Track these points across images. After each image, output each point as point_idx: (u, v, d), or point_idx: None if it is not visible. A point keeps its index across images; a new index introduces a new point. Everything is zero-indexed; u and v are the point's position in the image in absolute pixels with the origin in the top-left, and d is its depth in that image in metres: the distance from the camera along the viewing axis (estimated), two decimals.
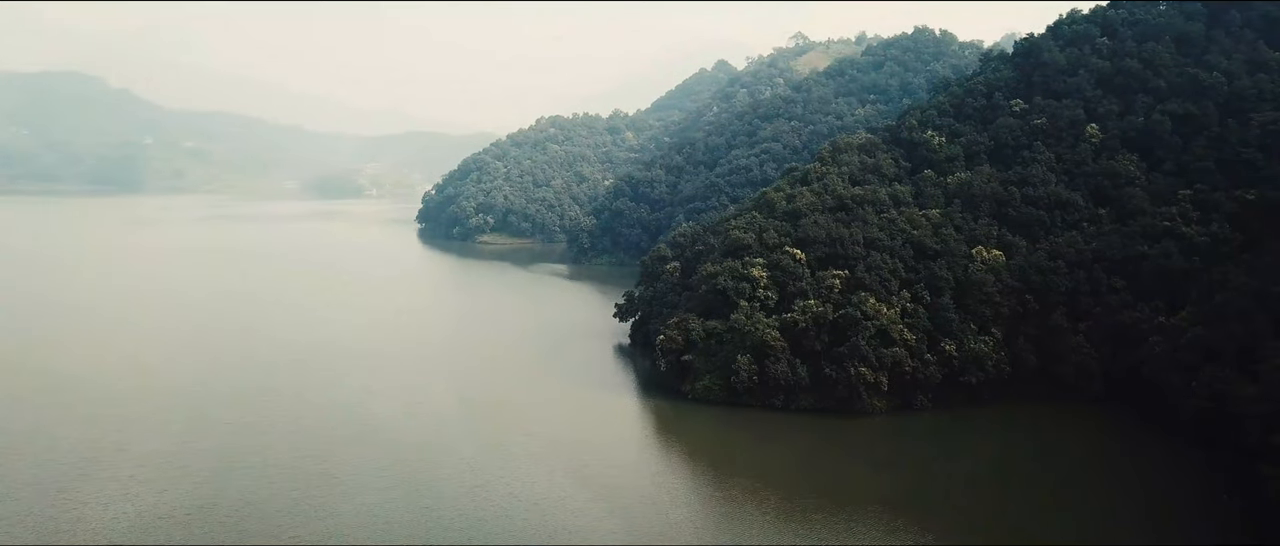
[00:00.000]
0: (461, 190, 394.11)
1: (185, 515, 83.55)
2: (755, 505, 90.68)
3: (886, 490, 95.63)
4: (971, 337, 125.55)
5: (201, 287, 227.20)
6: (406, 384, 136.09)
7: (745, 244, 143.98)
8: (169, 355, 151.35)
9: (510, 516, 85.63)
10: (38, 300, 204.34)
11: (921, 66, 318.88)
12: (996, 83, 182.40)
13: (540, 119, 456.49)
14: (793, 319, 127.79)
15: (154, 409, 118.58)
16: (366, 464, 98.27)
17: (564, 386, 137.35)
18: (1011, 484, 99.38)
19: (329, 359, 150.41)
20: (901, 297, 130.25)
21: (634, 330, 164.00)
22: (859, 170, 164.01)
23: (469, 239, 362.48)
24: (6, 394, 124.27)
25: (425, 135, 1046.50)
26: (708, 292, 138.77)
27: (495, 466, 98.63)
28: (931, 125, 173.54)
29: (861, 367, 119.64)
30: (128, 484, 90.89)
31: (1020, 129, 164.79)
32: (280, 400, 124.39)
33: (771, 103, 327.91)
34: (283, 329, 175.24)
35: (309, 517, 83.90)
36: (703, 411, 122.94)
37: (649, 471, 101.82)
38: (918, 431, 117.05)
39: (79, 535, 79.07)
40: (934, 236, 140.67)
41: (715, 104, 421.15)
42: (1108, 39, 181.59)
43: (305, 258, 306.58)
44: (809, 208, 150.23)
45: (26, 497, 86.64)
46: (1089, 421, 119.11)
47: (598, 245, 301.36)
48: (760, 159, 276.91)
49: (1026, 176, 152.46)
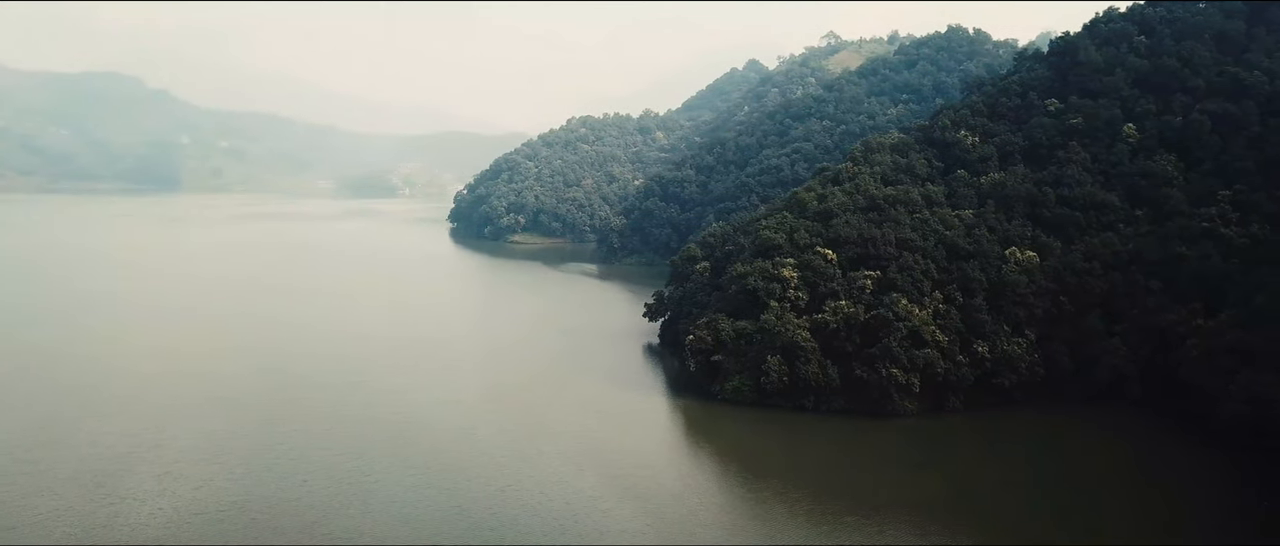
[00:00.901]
0: (493, 190, 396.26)
1: (220, 511, 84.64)
2: (786, 507, 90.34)
3: (919, 493, 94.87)
4: (1005, 339, 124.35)
5: (238, 284, 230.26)
6: (438, 382, 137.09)
7: (776, 244, 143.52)
8: (206, 350, 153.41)
9: (540, 516, 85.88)
10: (80, 295, 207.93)
11: (955, 66, 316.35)
12: (1031, 82, 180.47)
13: (571, 119, 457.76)
14: (824, 319, 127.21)
15: (191, 403, 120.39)
16: (398, 461, 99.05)
17: (593, 386, 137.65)
18: (1045, 487, 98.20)
19: (362, 356, 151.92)
20: (934, 299, 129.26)
21: (663, 330, 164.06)
22: (891, 170, 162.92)
23: (500, 238, 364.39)
24: (50, 388, 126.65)
25: (458, 135, 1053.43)
26: (738, 293, 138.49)
27: (525, 465, 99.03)
28: (965, 125, 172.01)
29: (893, 369, 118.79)
30: (164, 479, 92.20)
31: (1055, 129, 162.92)
32: (314, 396, 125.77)
33: (803, 102, 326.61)
34: (317, 327, 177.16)
35: (342, 515, 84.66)
36: (732, 412, 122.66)
37: (678, 472, 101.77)
38: (950, 434, 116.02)
39: (117, 530, 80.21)
40: (967, 237, 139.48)
41: (746, 103, 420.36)
42: (1145, 37, 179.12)
43: (339, 256, 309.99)
44: (841, 208, 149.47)
45: (67, 492, 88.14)
46: (1124, 424, 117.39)
47: (627, 245, 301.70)
48: (791, 159, 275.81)
49: (1061, 177, 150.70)
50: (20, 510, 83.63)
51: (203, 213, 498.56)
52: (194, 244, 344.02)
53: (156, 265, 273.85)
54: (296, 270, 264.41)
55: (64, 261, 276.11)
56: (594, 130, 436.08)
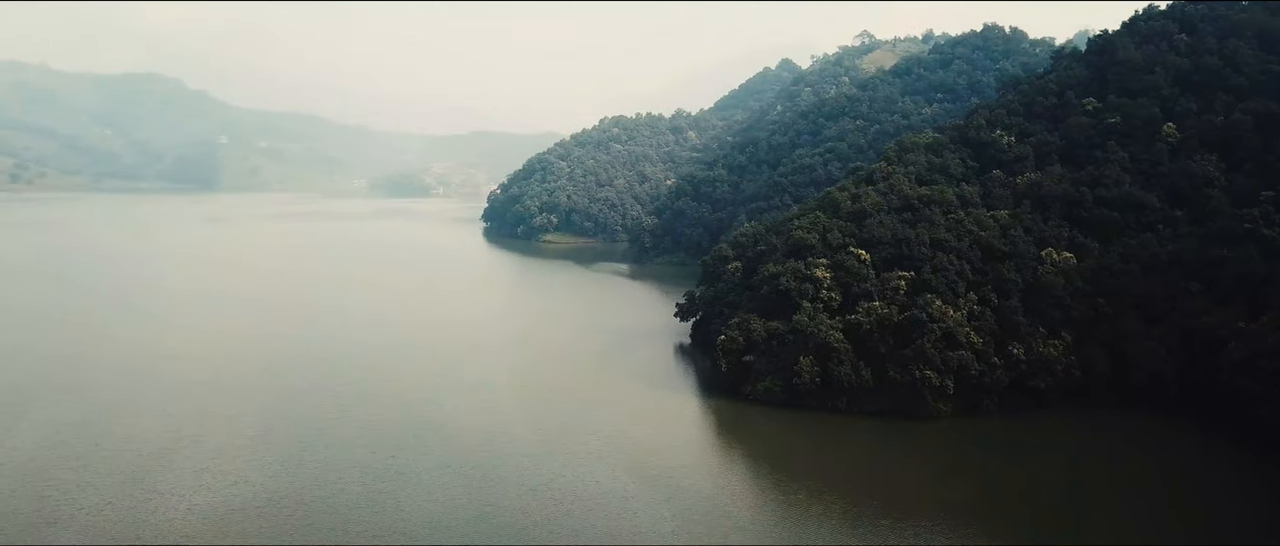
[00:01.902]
0: (526, 189, 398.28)
1: (257, 508, 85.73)
2: (820, 509, 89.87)
3: (955, 495, 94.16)
4: (1040, 341, 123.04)
5: (276, 281, 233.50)
6: (471, 380, 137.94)
7: (809, 244, 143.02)
8: (244, 346, 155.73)
9: (573, 516, 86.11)
10: (123, 291, 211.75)
11: (990, 65, 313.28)
12: (1068, 81, 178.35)
13: (604, 119, 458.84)
14: (857, 320, 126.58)
15: (228, 399, 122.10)
16: (431, 460, 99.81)
17: (625, 385, 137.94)
18: (1082, 491, 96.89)
19: (396, 354, 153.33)
20: (968, 300, 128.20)
21: (695, 330, 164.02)
22: (925, 170, 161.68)
23: (533, 238, 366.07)
24: (92, 383, 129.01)
25: (491, 135, 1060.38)
26: (770, 293, 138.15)
27: (558, 465, 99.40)
28: (1001, 124, 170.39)
29: (927, 371, 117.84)
30: (202, 475, 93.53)
31: (1093, 128, 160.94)
32: (349, 394, 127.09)
33: (836, 101, 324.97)
34: (352, 324, 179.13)
35: (375, 513, 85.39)
36: (764, 413, 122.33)
37: (710, 472, 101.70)
38: (985, 436, 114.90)
39: (155, 526, 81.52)
40: (1002, 238, 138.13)
41: (779, 103, 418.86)
42: (1186, 35, 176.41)
43: (374, 254, 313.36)
44: (874, 207, 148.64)
45: (108, 487, 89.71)
46: (1162, 428, 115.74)
47: (659, 245, 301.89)
48: (824, 158, 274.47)
49: (1099, 177, 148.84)
50: (64, 505, 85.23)
51: (243, 211, 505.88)
52: (236, 242, 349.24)
53: (202, 262, 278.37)
54: (332, 268, 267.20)
55: (111, 259, 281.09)
56: (626, 130, 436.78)
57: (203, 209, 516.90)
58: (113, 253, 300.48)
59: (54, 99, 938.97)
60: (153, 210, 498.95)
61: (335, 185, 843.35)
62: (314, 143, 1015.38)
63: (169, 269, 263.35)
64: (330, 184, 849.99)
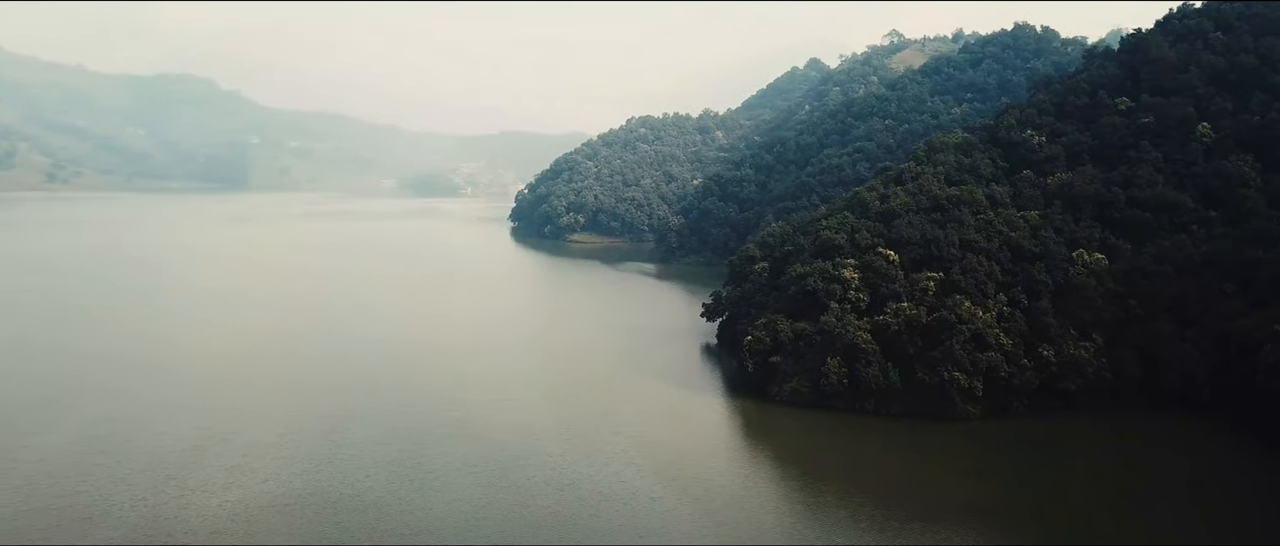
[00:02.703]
0: (553, 189, 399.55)
1: (286, 505, 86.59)
2: (848, 511, 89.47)
3: (984, 497, 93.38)
4: (1071, 343, 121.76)
5: (306, 280, 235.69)
6: (498, 379, 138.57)
7: (836, 244, 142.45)
8: (274, 344, 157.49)
9: (600, 516, 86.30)
10: (155, 290, 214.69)
11: (1021, 64, 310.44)
12: (1101, 80, 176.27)
13: (631, 119, 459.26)
14: (885, 321, 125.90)
15: (257, 396, 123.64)
16: (459, 459, 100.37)
17: (651, 385, 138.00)
18: (1113, 494, 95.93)
19: (423, 352, 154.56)
20: (998, 301, 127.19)
21: (721, 330, 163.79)
22: (955, 170, 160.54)
23: (560, 237, 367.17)
24: (126, 380, 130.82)
25: (519, 135, 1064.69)
26: (797, 293, 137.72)
27: (584, 464, 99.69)
28: (1031, 124, 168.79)
29: (955, 372, 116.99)
30: (233, 472, 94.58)
31: (1126, 128, 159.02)
32: (376, 391, 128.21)
33: (865, 101, 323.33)
34: (382, 322, 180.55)
35: (403, 512, 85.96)
36: (791, 414, 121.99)
37: (737, 473, 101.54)
38: (1014, 438, 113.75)
39: (187, 521, 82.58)
40: (1032, 238, 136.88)
41: (807, 102, 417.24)
42: (1222, 34, 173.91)
43: (403, 253, 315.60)
44: (903, 208, 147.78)
45: (141, 484, 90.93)
46: (1195, 432, 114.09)
47: (685, 244, 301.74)
48: (853, 158, 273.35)
49: (1132, 177, 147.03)
50: (98, 501, 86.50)
51: (272, 211, 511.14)
52: (265, 241, 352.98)
53: (232, 261, 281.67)
54: (360, 267, 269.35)
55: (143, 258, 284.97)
56: (653, 130, 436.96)
57: (233, 208, 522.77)
58: (145, 252, 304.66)
59: (90, 100, 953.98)
60: (184, 209, 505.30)
61: (365, 185, 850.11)
62: (344, 142, 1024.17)
63: (199, 268, 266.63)
64: (360, 183, 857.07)
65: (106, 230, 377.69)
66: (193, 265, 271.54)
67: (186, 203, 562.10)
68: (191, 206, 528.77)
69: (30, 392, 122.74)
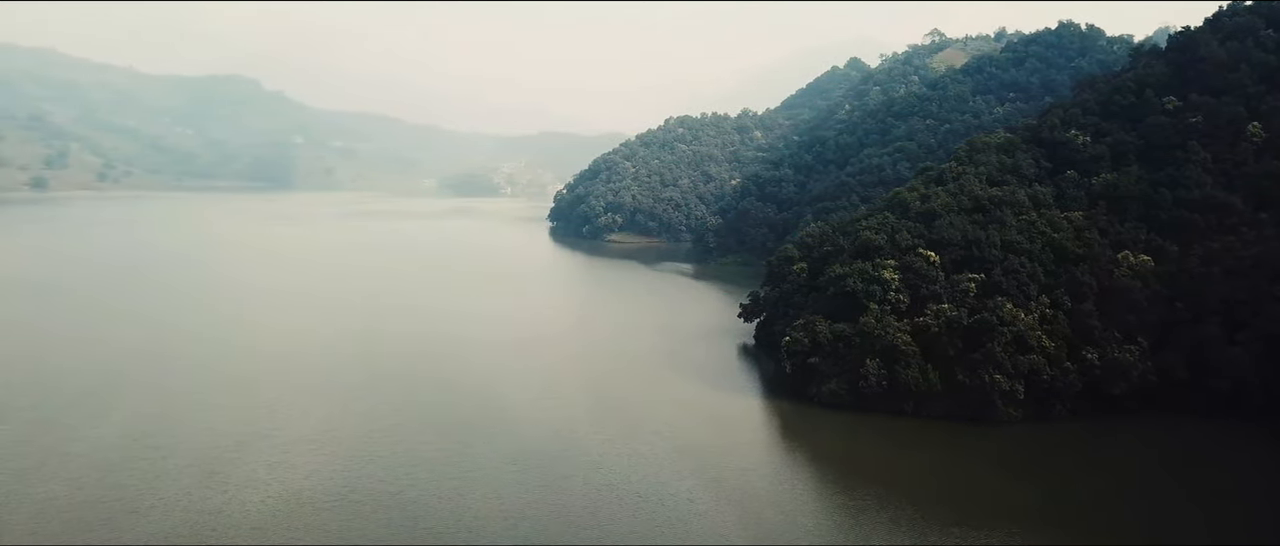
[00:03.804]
0: (591, 189, 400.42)
1: (329, 501, 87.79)
2: (888, 514, 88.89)
3: (1026, 502, 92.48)
4: (1115, 346, 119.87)
5: (351, 278, 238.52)
6: (536, 378, 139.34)
7: (877, 245, 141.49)
8: (317, 341, 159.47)
9: (638, 516, 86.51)
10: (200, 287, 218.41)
11: (1065, 63, 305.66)
12: (1148, 79, 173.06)
13: (669, 119, 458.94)
14: (925, 323, 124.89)
15: (299, 393, 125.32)
16: (498, 457, 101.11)
17: (688, 386, 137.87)
18: (1157, 499, 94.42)
19: (464, 351, 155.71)
20: (1040, 303, 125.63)
21: (759, 331, 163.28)
22: (997, 170, 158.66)
23: (598, 237, 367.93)
24: (171, 376, 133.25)
25: (558, 135, 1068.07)
26: (836, 294, 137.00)
27: (622, 465, 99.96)
28: (1075, 123, 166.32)
29: (996, 375, 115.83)
30: (275, 468, 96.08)
31: (1173, 127, 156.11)
32: (418, 390, 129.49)
33: (906, 100, 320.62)
34: (422, 321, 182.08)
35: (442, 509, 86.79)
36: (829, 416, 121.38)
37: (775, 475, 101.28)
38: (1056, 442, 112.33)
39: (229, 516, 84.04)
40: (1076, 240, 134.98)
41: (847, 102, 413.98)
42: (1274, 31, 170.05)
43: (443, 252, 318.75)
44: (944, 208, 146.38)
45: (185, 479, 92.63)
46: (1244, 438, 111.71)
47: (723, 245, 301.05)
48: (893, 158, 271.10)
49: (1179, 177, 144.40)
50: (144, 495, 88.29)
51: (316, 210, 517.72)
52: (309, 240, 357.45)
53: (275, 259, 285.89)
54: (402, 266, 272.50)
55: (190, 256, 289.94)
56: (691, 130, 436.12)
57: (277, 208, 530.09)
58: (192, 251, 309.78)
59: (138, 100, 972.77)
60: (229, 208, 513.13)
61: (406, 184, 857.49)
62: (386, 142, 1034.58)
63: (243, 265, 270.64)
64: (402, 183, 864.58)
65: (155, 229, 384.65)
66: (238, 263, 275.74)
67: (232, 202, 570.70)
68: (237, 206, 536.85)
69: (83, 387, 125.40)
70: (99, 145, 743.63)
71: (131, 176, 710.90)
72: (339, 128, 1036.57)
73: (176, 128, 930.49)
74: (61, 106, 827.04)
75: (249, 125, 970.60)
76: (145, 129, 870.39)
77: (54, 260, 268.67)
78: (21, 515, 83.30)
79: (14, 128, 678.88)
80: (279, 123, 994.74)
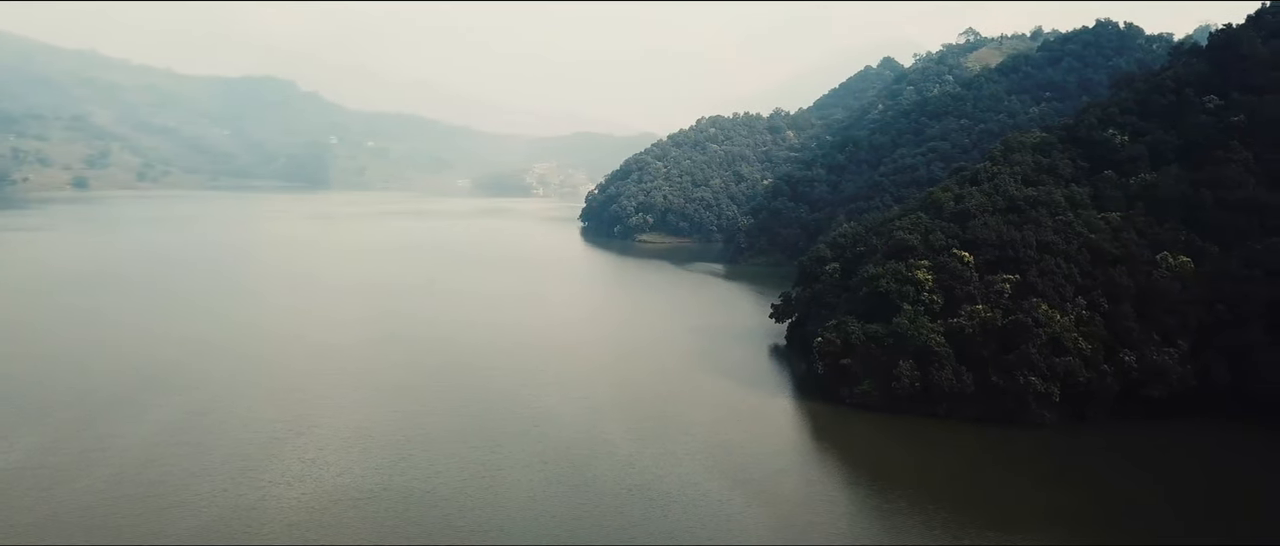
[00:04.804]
0: (622, 190, 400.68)
1: (361, 499, 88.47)
2: (921, 517, 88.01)
3: (1063, 506, 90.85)
4: (1154, 349, 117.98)
5: (385, 279, 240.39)
6: (566, 377, 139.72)
7: (910, 245, 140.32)
8: (349, 341, 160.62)
9: (669, 518, 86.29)
10: (238, 285, 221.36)
11: (1103, 62, 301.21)
12: (1188, 77, 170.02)
13: (700, 119, 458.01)
14: (958, 324, 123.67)
15: (334, 392, 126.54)
16: (528, 457, 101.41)
17: (719, 386, 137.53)
18: (1197, 505, 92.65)
19: (495, 350, 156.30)
20: (1076, 304, 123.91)
21: (790, 331, 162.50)
22: (1033, 170, 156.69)
23: (629, 237, 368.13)
24: (210, 371, 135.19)
25: (590, 136, 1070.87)
26: (869, 295, 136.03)
27: (652, 465, 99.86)
28: (1113, 123, 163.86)
29: (1031, 377, 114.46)
30: (310, 466, 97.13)
31: (1214, 127, 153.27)
32: (448, 388, 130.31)
33: (939, 100, 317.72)
34: (455, 320, 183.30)
35: (473, 508, 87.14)
36: (861, 417, 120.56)
37: (806, 477, 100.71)
38: (1093, 445, 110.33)
39: (264, 512, 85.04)
40: (1114, 240, 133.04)
41: (880, 101, 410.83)
42: None
43: (476, 253, 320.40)
44: (978, 208, 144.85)
45: (221, 475, 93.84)
46: None
47: (754, 245, 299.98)
48: (927, 158, 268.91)
49: (1220, 177, 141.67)
50: (180, 490, 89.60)
51: (350, 209, 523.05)
52: (343, 239, 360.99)
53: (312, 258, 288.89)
54: (438, 264, 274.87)
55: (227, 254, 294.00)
56: (723, 130, 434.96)
57: (312, 207, 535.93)
58: (229, 248, 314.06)
59: (177, 101, 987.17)
60: (265, 208, 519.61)
61: (439, 184, 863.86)
62: (419, 143, 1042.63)
63: (280, 264, 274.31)
64: (435, 183, 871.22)
65: (194, 227, 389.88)
66: (272, 262, 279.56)
67: (269, 201, 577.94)
68: (273, 205, 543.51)
69: (124, 384, 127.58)
70: (139, 145, 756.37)
71: (169, 176, 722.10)
72: (373, 128, 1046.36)
73: (214, 128, 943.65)
74: (102, 108, 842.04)
75: (285, 126, 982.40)
76: (184, 129, 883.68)
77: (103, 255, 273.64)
78: (64, 509, 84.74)
79: (58, 128, 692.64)
80: (314, 123, 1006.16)
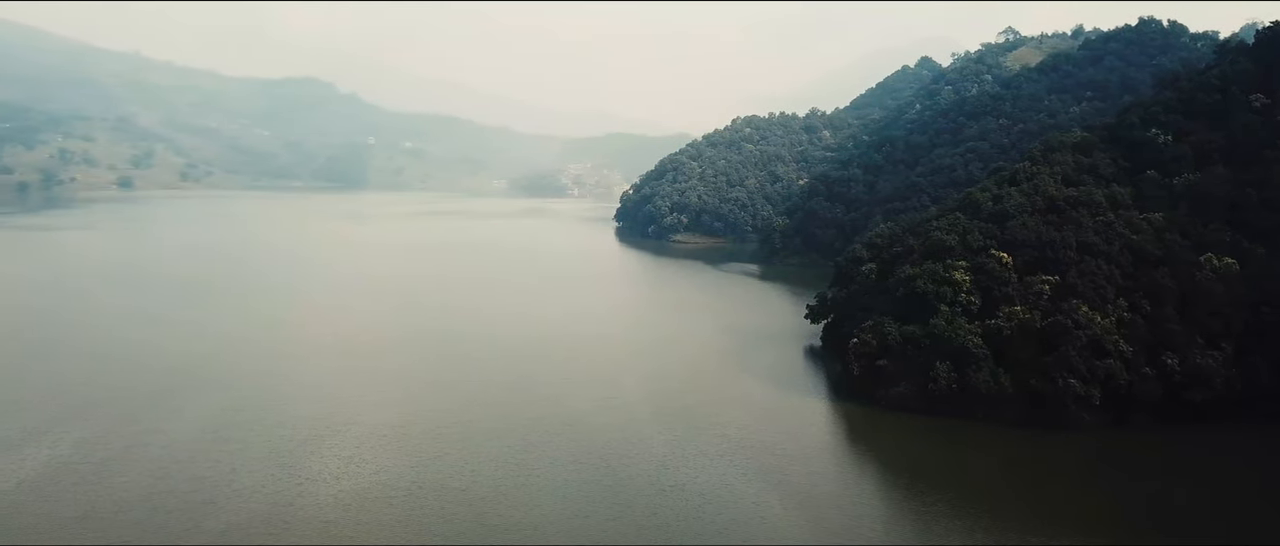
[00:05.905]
0: (657, 190, 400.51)
1: (398, 496, 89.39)
2: (961, 521, 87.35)
3: (1104, 510, 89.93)
4: (1198, 352, 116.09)
5: (421, 277, 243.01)
6: (601, 377, 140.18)
7: (948, 246, 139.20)
8: (388, 339, 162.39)
9: (702, 518, 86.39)
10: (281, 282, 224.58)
11: (1146, 61, 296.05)
12: (1233, 76, 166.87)
13: (736, 119, 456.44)
14: (997, 325, 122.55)
15: (371, 390, 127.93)
16: (564, 456, 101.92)
17: (754, 386, 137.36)
18: (1241, 510, 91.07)
19: (531, 349, 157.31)
20: (1118, 306, 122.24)
21: (826, 332, 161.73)
22: (1073, 170, 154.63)
23: (663, 237, 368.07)
24: (251, 367, 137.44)
25: (626, 136, 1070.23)
26: (906, 296, 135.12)
27: (687, 466, 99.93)
28: (1156, 122, 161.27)
29: (1071, 379, 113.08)
30: (348, 462, 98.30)
31: (1261, 126, 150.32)
32: (485, 387, 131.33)
33: (978, 100, 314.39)
34: (491, 320, 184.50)
35: (509, 508, 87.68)
36: (897, 419, 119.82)
37: (843, 478, 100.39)
38: (1133, 449, 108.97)
39: (302, 508, 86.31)
40: (1156, 241, 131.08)
41: (918, 101, 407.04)
42: None
43: (512, 252, 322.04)
44: (1017, 209, 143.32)
45: (261, 471, 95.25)
46: None
47: (789, 245, 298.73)
48: (965, 158, 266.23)
49: (1267, 178, 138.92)
50: (220, 486, 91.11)
51: (390, 209, 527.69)
52: (382, 238, 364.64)
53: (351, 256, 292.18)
54: (475, 263, 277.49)
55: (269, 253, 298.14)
56: (758, 130, 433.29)
57: (351, 206, 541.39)
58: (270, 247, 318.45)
59: (219, 102, 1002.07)
60: (305, 207, 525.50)
61: (476, 185, 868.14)
62: (456, 144, 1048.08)
63: (321, 262, 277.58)
64: (471, 183, 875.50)
65: (236, 226, 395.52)
66: (313, 260, 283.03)
67: (308, 201, 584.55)
68: (312, 204, 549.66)
69: (166, 380, 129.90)
70: (181, 146, 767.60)
71: (212, 176, 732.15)
72: (410, 129, 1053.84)
73: (255, 129, 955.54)
74: (147, 109, 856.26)
75: (324, 126, 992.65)
76: (224, 129, 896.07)
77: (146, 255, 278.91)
78: (110, 503, 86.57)
79: (104, 129, 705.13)
80: (352, 124, 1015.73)
